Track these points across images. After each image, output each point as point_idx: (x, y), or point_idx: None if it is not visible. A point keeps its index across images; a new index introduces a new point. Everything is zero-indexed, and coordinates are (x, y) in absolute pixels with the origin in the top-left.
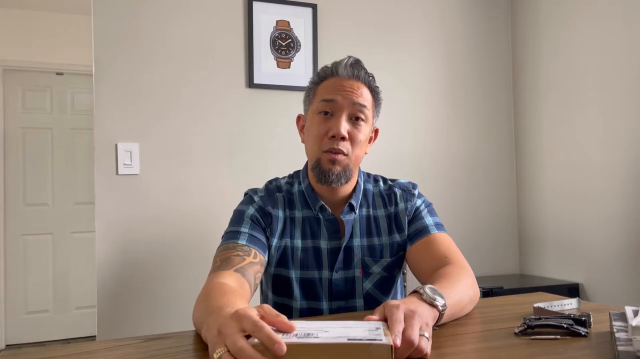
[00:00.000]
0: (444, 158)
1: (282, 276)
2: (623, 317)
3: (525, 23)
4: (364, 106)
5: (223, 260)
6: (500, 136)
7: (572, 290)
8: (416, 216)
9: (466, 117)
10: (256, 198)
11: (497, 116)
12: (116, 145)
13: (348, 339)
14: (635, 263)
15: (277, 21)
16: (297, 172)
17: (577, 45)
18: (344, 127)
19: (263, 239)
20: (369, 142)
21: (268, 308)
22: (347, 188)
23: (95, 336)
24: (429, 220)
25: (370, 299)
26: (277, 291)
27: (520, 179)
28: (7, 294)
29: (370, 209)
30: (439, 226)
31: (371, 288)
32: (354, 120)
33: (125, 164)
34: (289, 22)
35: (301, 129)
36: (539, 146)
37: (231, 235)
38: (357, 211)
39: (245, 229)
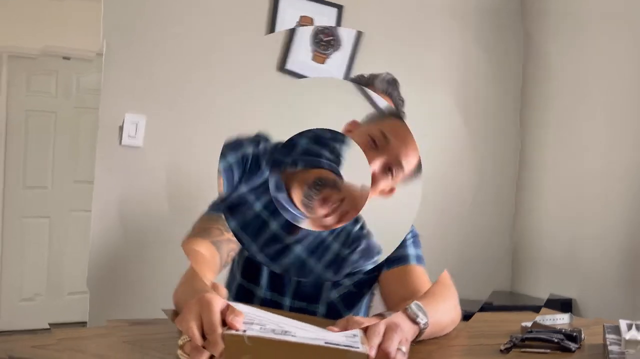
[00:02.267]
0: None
1: (255, 261)
2: (617, 330)
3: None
4: None
5: (202, 229)
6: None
7: (564, 305)
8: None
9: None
10: None
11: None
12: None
13: (325, 343)
14: (629, 279)
15: (301, 16)
16: None
17: (585, 59)
18: None
19: None
20: None
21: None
22: None
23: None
24: (411, 250)
25: (332, 309)
26: (246, 275)
27: (518, 193)
28: (3, 279)
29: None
30: (419, 258)
31: (337, 299)
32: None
33: (129, 135)
34: (312, 19)
35: None
36: (536, 164)
37: (218, 207)
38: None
39: None
